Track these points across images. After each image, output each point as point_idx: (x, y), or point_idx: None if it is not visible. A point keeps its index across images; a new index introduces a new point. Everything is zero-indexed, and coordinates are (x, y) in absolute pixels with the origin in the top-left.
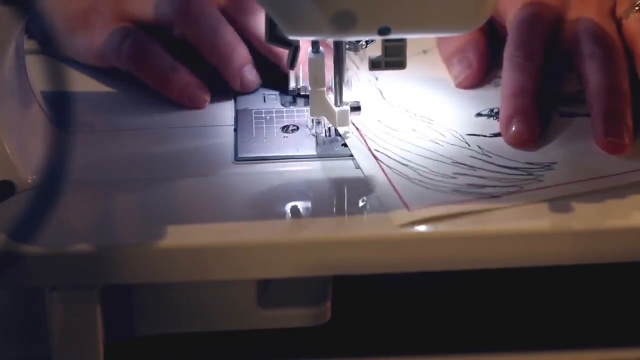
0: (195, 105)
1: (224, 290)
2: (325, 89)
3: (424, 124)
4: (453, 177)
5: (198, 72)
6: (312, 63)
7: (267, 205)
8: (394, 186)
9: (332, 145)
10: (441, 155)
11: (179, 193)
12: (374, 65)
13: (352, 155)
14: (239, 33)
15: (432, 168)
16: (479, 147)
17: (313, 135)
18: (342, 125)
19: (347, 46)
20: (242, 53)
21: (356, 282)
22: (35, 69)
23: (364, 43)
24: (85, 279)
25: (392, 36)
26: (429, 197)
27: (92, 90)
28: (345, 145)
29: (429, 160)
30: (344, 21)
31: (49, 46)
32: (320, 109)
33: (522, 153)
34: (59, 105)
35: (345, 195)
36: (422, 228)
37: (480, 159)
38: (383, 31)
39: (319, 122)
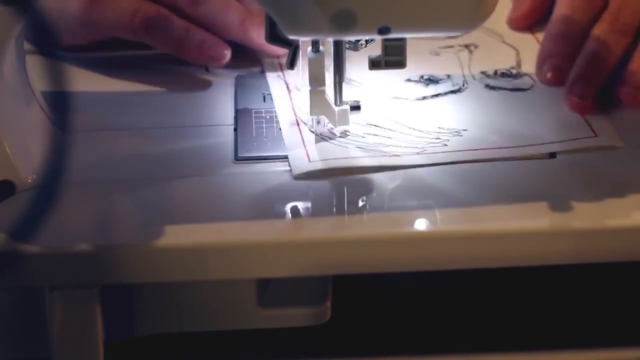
0: (216, 61)
1: (224, 290)
2: (325, 88)
3: (354, 87)
4: (362, 137)
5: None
6: (312, 63)
7: (267, 205)
8: (303, 139)
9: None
10: (356, 117)
11: (179, 193)
12: (374, 64)
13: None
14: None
15: (344, 127)
16: (397, 109)
17: (312, 132)
18: (342, 124)
19: (347, 46)
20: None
21: (356, 282)
22: (35, 69)
23: (363, 42)
24: (85, 279)
25: (392, 36)
26: (332, 151)
27: (92, 90)
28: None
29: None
30: (344, 21)
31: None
32: (320, 108)
33: (435, 118)
34: (59, 105)
35: (345, 195)
36: (419, 227)
37: (394, 121)
38: (383, 31)
39: (319, 122)
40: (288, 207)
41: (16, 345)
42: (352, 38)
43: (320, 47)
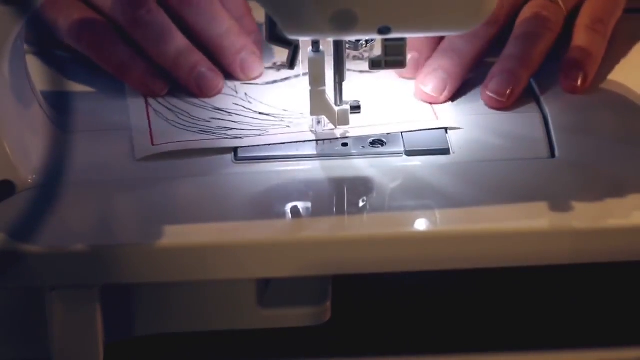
0: (152, 94)
1: (224, 290)
2: (325, 88)
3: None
4: (207, 121)
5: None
6: (312, 63)
7: (267, 205)
8: (150, 124)
9: (332, 145)
10: (205, 102)
11: (179, 193)
12: (374, 64)
13: (351, 155)
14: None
15: (192, 113)
16: (246, 94)
17: (313, 133)
18: (342, 124)
19: (347, 46)
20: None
21: (356, 282)
22: (35, 69)
23: (364, 42)
24: (85, 279)
25: (392, 35)
26: (175, 135)
27: (92, 90)
28: (345, 145)
29: (192, 107)
30: (344, 21)
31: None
32: (320, 108)
33: (282, 100)
34: (59, 105)
35: (345, 195)
36: (419, 227)
37: (241, 105)
38: (383, 31)
39: (319, 122)
40: (288, 207)
41: (16, 345)
42: (352, 38)
43: (320, 47)
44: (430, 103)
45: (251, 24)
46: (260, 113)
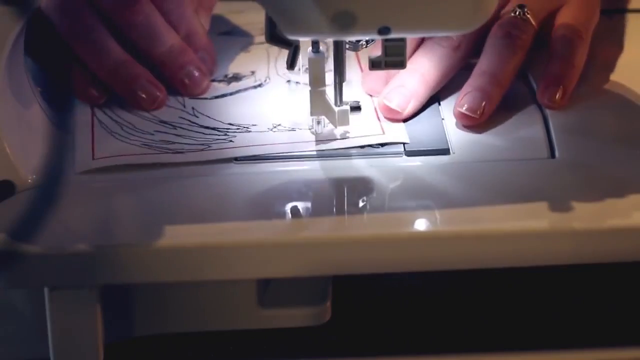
0: (90, 101)
1: (224, 290)
2: (325, 88)
3: None
4: (151, 134)
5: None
6: (312, 63)
7: (267, 205)
8: (93, 136)
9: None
10: (154, 115)
11: (179, 193)
12: (374, 65)
13: (352, 156)
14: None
15: (137, 125)
16: (193, 108)
17: (313, 134)
18: (342, 124)
19: (347, 46)
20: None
21: (356, 282)
22: (36, 69)
23: (364, 43)
24: (85, 279)
25: (392, 36)
26: (117, 148)
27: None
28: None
29: (139, 119)
30: (344, 21)
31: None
32: (320, 109)
33: (229, 114)
34: (59, 105)
35: (345, 195)
36: (419, 227)
37: (187, 119)
38: (383, 31)
39: (319, 122)
40: (288, 207)
41: (16, 345)
42: (352, 38)
43: (320, 47)
44: (393, 119)
45: (201, 40)
46: (205, 127)
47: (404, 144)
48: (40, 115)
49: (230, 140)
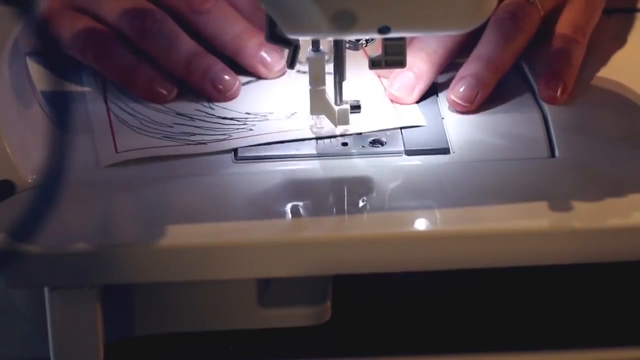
0: (161, 98)
1: (224, 290)
2: (325, 87)
3: None
4: (170, 127)
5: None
6: (312, 62)
7: (267, 205)
8: (112, 131)
9: (332, 144)
10: (168, 108)
11: (179, 193)
12: (374, 64)
13: (351, 155)
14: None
15: (154, 118)
16: (208, 99)
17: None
18: (342, 124)
19: (347, 45)
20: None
21: (356, 282)
22: (35, 69)
23: (364, 42)
24: (85, 279)
25: (392, 35)
26: (139, 141)
27: (92, 90)
28: (345, 144)
29: (155, 112)
30: (344, 20)
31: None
32: (320, 108)
33: (244, 104)
34: (59, 105)
35: (345, 195)
36: (419, 227)
37: (203, 111)
38: (383, 30)
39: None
40: (288, 207)
41: (16, 345)
42: (352, 38)
43: (320, 47)
44: (400, 103)
45: (261, 21)
46: (223, 118)
47: (418, 127)
48: (40, 115)
49: (251, 129)
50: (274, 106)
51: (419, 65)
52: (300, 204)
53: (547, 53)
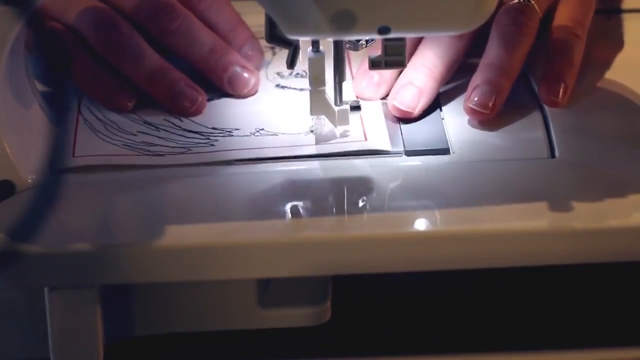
0: (118, 109)
1: (224, 290)
2: (325, 88)
3: None
4: (134, 135)
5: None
6: (312, 63)
7: (267, 205)
8: (76, 134)
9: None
10: (139, 116)
11: (179, 193)
12: (374, 64)
13: (351, 155)
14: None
15: (121, 125)
16: None
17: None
18: (342, 124)
19: (347, 45)
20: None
21: (356, 282)
22: (35, 69)
23: (363, 42)
24: (85, 279)
25: (392, 35)
26: (98, 148)
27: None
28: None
29: (122, 118)
30: (344, 21)
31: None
32: (320, 108)
33: (212, 119)
34: (59, 105)
35: (345, 195)
36: (419, 227)
37: (171, 122)
38: (383, 30)
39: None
40: (288, 207)
41: (16, 345)
42: (352, 38)
43: (320, 47)
44: (404, 118)
45: (243, 33)
46: (188, 131)
47: (385, 152)
48: (40, 115)
49: (212, 145)
50: (240, 122)
51: (422, 80)
52: (300, 204)
53: (547, 51)
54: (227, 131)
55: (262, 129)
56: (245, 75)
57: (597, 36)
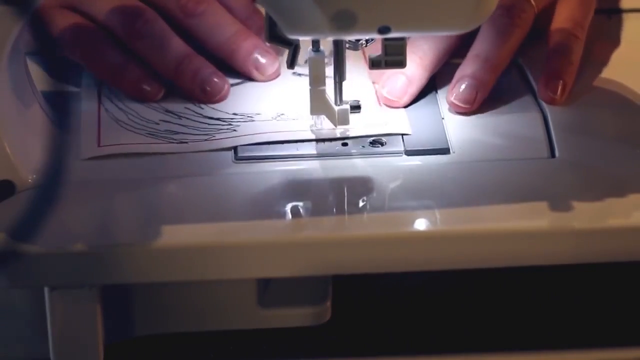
0: (147, 98)
1: (224, 290)
2: (325, 87)
3: None
4: (157, 123)
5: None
6: (312, 62)
7: (267, 204)
8: (99, 125)
9: (332, 144)
10: (158, 104)
11: (179, 193)
12: (374, 64)
13: (351, 155)
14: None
15: (142, 114)
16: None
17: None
18: (342, 124)
19: (347, 45)
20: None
21: (356, 282)
22: (35, 69)
23: (364, 42)
24: (85, 279)
25: (392, 35)
26: (123, 137)
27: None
28: (345, 144)
29: (143, 107)
30: (344, 20)
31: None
32: (320, 108)
33: (233, 104)
34: (59, 105)
35: (345, 195)
36: (419, 227)
37: (192, 110)
38: (383, 30)
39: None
40: (288, 207)
41: (16, 345)
42: (352, 38)
43: (320, 47)
44: (391, 106)
45: (259, 21)
46: (209, 118)
47: (404, 135)
48: (40, 115)
49: (234, 130)
50: (261, 107)
51: (411, 68)
52: (300, 204)
53: (546, 51)
54: (249, 116)
55: (283, 114)
56: (270, 59)
57: (597, 36)
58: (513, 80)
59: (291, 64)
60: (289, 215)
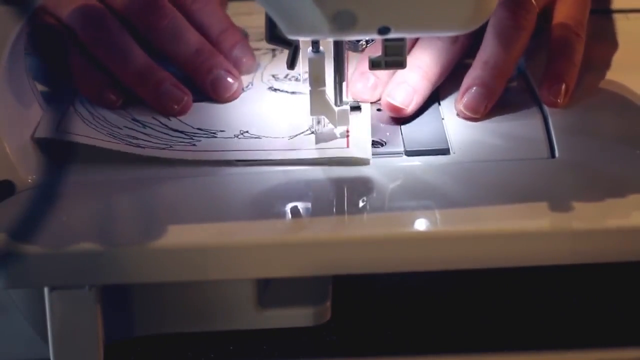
0: (105, 105)
1: (224, 290)
2: (325, 88)
3: None
4: (119, 128)
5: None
6: (312, 63)
7: (267, 205)
8: (64, 115)
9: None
10: (128, 112)
11: (179, 193)
12: (374, 64)
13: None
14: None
15: (108, 118)
16: None
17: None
18: (342, 124)
19: (347, 46)
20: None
21: (356, 282)
22: (35, 69)
23: (364, 43)
24: (86, 279)
25: (392, 36)
26: (82, 130)
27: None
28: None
29: (111, 114)
30: (344, 21)
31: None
32: (320, 108)
33: (199, 120)
34: (59, 105)
35: (345, 195)
36: (419, 227)
37: (159, 120)
38: (383, 31)
39: (318, 122)
40: (288, 207)
41: (17, 345)
42: (352, 38)
43: (320, 47)
44: (398, 115)
45: (234, 36)
46: (173, 130)
47: (364, 161)
48: (40, 115)
49: (194, 144)
50: (227, 124)
51: (417, 80)
52: (300, 204)
53: (548, 51)
54: (212, 132)
55: (247, 132)
56: (229, 79)
57: (597, 36)
58: (513, 80)
59: (291, 64)
60: (289, 216)
